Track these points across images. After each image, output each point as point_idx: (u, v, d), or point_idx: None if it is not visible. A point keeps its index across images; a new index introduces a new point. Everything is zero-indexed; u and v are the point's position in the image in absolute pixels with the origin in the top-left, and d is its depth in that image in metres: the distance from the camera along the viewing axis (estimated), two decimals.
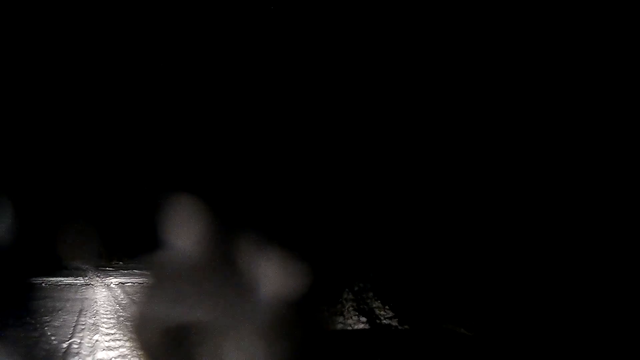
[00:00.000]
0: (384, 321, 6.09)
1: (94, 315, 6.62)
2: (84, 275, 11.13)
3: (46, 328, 5.74)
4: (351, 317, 6.16)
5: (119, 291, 8.85)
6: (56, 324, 6.00)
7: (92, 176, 14.58)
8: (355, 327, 5.89)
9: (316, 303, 6.48)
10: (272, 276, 5.77)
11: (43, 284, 9.60)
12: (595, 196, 6.71)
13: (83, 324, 6.01)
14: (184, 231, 6.81)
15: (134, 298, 8.01)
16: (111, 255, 15.16)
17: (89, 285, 9.75)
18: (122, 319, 6.37)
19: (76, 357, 4.64)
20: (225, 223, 6.82)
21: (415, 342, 5.51)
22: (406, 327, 5.84)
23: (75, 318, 6.38)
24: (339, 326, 6.03)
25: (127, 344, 5.15)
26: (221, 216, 6.94)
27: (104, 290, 9.03)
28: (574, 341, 4.89)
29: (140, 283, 9.88)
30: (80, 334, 5.49)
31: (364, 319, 6.03)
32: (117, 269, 13.01)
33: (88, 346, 5.03)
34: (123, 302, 7.68)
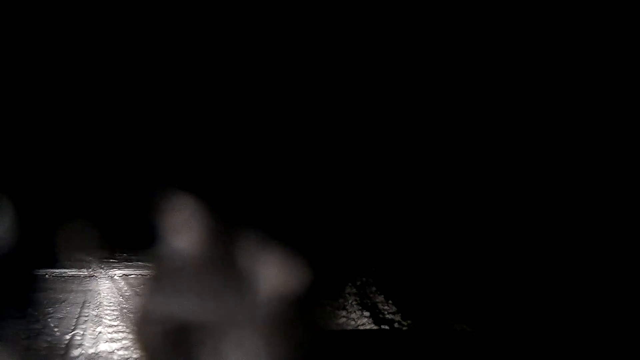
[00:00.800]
0: (387, 316, 6.07)
1: (97, 307, 6.62)
2: (87, 267, 11.13)
3: (49, 320, 5.74)
4: (354, 312, 6.14)
5: (122, 283, 8.85)
6: (59, 315, 6.00)
7: (97, 168, 14.59)
8: (359, 321, 5.87)
9: (319, 297, 6.46)
10: (275, 271, 5.75)
11: (46, 276, 9.62)
12: (596, 195, 6.67)
13: (86, 316, 6.01)
14: (188, 225, 6.80)
15: (138, 290, 8.01)
16: (115, 248, 15.17)
17: (92, 277, 9.76)
18: (125, 311, 6.37)
19: (79, 349, 4.63)
20: (228, 218, 6.79)
21: (417, 337, 5.49)
22: (409, 322, 5.82)
23: (78, 310, 6.38)
24: (342, 320, 6.01)
25: (130, 336, 5.15)
26: (223, 211, 6.92)
27: (107, 282, 9.03)
28: (574, 338, 4.86)
29: (144, 275, 9.87)
30: (83, 326, 5.49)
31: (367, 314, 6.01)
32: (121, 261, 13.00)
33: (91, 338, 5.02)
34: (126, 294, 7.68)
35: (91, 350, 4.62)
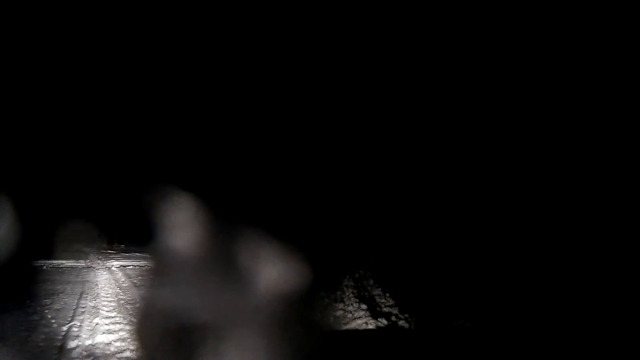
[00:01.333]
0: (384, 309, 6.07)
1: (95, 298, 6.62)
2: (85, 258, 11.16)
3: (46, 311, 5.74)
4: (351, 304, 6.14)
5: (120, 274, 8.87)
6: (56, 306, 6.00)
7: (96, 161, 14.57)
8: (356, 314, 5.88)
9: (317, 289, 6.47)
10: (273, 264, 5.75)
11: (44, 267, 9.63)
12: (595, 194, 6.66)
13: (83, 307, 6.01)
14: (186, 217, 6.79)
15: (135, 281, 8.02)
16: (113, 239, 15.21)
17: (90, 268, 9.78)
18: (122, 302, 6.37)
19: (76, 341, 4.63)
20: (226, 211, 6.78)
21: (416, 332, 5.51)
22: (406, 315, 5.82)
23: (76, 301, 6.38)
24: (339, 313, 6.02)
25: (127, 327, 5.15)
26: (222, 204, 6.90)
27: (105, 273, 9.05)
28: (568, 333, 4.87)
29: (141, 266, 9.90)
30: (81, 317, 5.49)
31: (364, 307, 6.01)
32: (119, 252, 13.05)
33: (88, 329, 5.03)
34: (124, 285, 7.69)
35: (88, 342, 4.62)
